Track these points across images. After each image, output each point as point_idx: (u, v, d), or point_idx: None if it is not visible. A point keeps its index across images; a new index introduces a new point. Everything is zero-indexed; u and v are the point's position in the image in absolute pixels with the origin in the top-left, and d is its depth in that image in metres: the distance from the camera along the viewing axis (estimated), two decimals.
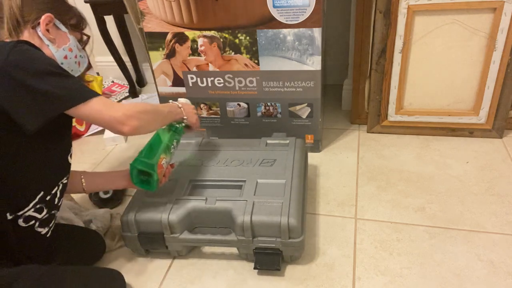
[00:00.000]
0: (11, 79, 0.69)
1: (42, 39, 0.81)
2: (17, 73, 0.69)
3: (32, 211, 0.80)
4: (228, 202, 0.99)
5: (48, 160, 0.81)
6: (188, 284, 0.99)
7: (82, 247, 1.03)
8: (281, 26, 1.20)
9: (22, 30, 0.79)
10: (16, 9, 0.77)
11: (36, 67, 0.71)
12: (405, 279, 0.95)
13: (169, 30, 1.27)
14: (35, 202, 0.80)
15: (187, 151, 1.21)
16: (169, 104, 1.01)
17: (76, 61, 0.89)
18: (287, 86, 1.31)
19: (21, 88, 0.69)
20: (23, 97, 0.70)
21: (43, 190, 0.81)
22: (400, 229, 1.08)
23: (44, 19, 0.80)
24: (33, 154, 0.77)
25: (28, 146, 0.75)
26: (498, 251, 1.00)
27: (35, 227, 0.82)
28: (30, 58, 0.71)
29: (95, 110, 0.76)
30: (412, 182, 1.25)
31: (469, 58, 1.33)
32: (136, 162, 0.95)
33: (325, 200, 1.21)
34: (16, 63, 0.69)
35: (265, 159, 1.14)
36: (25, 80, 0.69)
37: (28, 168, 0.77)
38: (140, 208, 1.01)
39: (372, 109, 1.48)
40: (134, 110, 0.80)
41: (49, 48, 0.82)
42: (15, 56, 0.69)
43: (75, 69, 0.89)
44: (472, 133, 1.44)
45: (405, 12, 1.28)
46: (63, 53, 0.85)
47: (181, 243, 1.01)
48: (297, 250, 0.97)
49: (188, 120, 1.03)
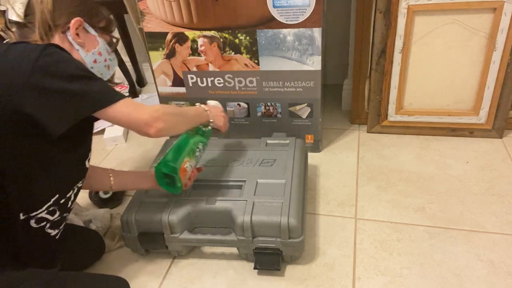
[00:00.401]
0: (39, 83, 0.68)
1: (72, 43, 0.81)
2: (46, 76, 0.69)
3: (45, 213, 0.80)
4: (228, 202, 1.00)
5: (67, 164, 0.80)
6: (188, 284, 0.99)
7: (82, 247, 1.03)
8: (281, 26, 1.20)
9: (53, 35, 0.79)
10: (48, 14, 0.77)
11: (64, 70, 0.71)
12: (405, 279, 0.95)
13: (169, 30, 1.27)
14: (49, 205, 0.79)
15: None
16: (196, 107, 1.01)
17: (105, 65, 0.89)
18: (287, 86, 1.31)
19: (49, 91, 0.69)
20: (51, 100, 0.70)
21: (58, 193, 0.80)
22: (400, 229, 1.08)
23: (73, 23, 0.80)
24: (52, 157, 0.76)
25: (48, 149, 0.75)
26: (498, 251, 1.00)
27: (45, 228, 0.82)
28: (59, 61, 0.71)
29: (124, 112, 0.76)
30: (412, 182, 1.25)
31: (469, 58, 1.33)
32: (160, 165, 0.94)
33: (325, 200, 1.21)
34: (45, 67, 0.69)
35: (265, 159, 1.14)
36: (53, 83, 0.69)
37: (46, 171, 0.76)
38: (140, 208, 1.02)
39: (372, 109, 1.48)
40: (161, 112, 0.80)
41: (79, 52, 0.82)
42: (44, 60, 0.69)
43: (105, 73, 0.90)
44: (472, 133, 1.44)
45: (405, 12, 1.28)
46: (93, 57, 0.85)
47: (181, 243, 1.01)
48: (297, 250, 0.97)
49: (215, 123, 1.03)
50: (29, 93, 0.68)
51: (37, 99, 0.69)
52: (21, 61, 0.69)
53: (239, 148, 1.20)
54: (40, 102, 0.69)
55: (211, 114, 1.03)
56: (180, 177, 0.94)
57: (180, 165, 0.94)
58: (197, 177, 1.08)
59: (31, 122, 0.69)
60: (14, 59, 0.70)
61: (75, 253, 1.00)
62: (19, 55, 0.70)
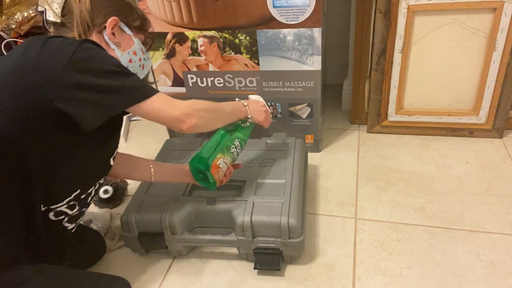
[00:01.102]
0: (74, 77, 0.69)
1: (108, 43, 0.81)
2: (80, 71, 0.69)
3: (65, 207, 0.80)
4: (228, 202, 1.00)
5: (92, 160, 0.81)
6: (188, 284, 0.99)
7: (83, 247, 1.03)
8: (281, 26, 1.20)
9: (90, 35, 0.79)
10: (86, 13, 0.77)
11: (100, 66, 0.71)
12: (405, 279, 0.95)
13: (169, 30, 1.27)
14: (70, 199, 0.80)
15: (187, 151, 1.21)
16: (233, 103, 0.99)
17: (140, 64, 0.88)
18: (287, 86, 1.31)
19: (83, 86, 0.69)
20: (86, 95, 0.70)
21: (80, 189, 0.81)
22: (400, 229, 1.08)
23: (110, 22, 0.79)
24: (80, 152, 0.77)
25: (77, 144, 0.75)
26: (498, 251, 1.00)
27: (63, 222, 0.83)
28: (94, 57, 0.71)
29: (156, 107, 0.76)
30: (412, 182, 1.25)
31: (469, 58, 1.33)
32: (193, 160, 0.95)
33: (325, 200, 1.21)
34: (80, 62, 0.69)
35: (265, 159, 1.14)
36: (87, 78, 0.69)
37: (72, 166, 0.77)
38: (140, 208, 1.02)
39: (372, 109, 1.48)
40: (194, 108, 0.80)
41: (114, 52, 0.82)
42: (80, 55, 0.69)
43: (139, 72, 0.89)
44: (472, 133, 1.44)
45: (405, 12, 1.28)
46: (128, 57, 0.84)
47: (181, 243, 1.01)
48: (297, 250, 0.97)
49: (254, 119, 1.01)
50: (63, 88, 0.68)
51: (71, 94, 0.69)
52: (56, 55, 0.69)
53: None
54: (74, 97, 0.69)
55: (250, 110, 1.00)
56: (212, 173, 0.93)
57: (212, 161, 0.93)
58: None
59: (64, 117, 0.69)
60: (50, 53, 0.70)
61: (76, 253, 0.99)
62: (55, 49, 0.70)
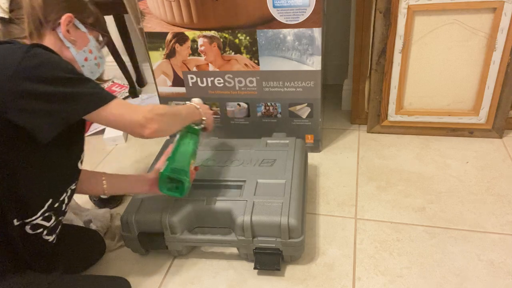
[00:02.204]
0: (23, 87, 0.64)
1: (63, 41, 0.78)
2: (29, 80, 0.65)
3: (41, 219, 0.78)
4: (228, 202, 1.00)
5: (58, 168, 0.78)
6: (188, 284, 0.99)
7: (82, 248, 1.03)
8: (281, 26, 1.20)
9: (43, 32, 0.75)
10: (39, 9, 0.73)
11: (51, 73, 0.67)
12: (405, 279, 0.95)
13: (169, 30, 1.27)
14: (44, 210, 0.77)
15: None
16: (187, 106, 0.99)
17: (96, 63, 0.86)
18: (287, 86, 1.31)
19: (33, 96, 0.65)
20: (38, 105, 0.66)
21: (51, 198, 0.78)
22: (400, 229, 1.08)
23: (64, 19, 0.76)
24: (42, 162, 0.74)
25: (37, 154, 0.72)
26: (498, 251, 1.00)
27: (43, 235, 0.80)
28: (45, 63, 0.67)
29: (115, 114, 0.73)
30: (412, 182, 1.25)
31: (469, 58, 1.33)
32: (169, 171, 0.91)
33: (325, 200, 1.21)
34: (29, 70, 0.65)
35: (265, 159, 1.14)
36: (38, 87, 0.65)
37: (38, 176, 0.74)
38: (140, 208, 1.01)
39: (372, 109, 1.48)
40: (154, 113, 0.78)
41: (70, 50, 0.79)
42: (28, 62, 0.65)
43: (95, 71, 0.87)
44: (472, 133, 1.44)
45: (405, 12, 1.28)
46: (84, 55, 0.82)
47: (181, 243, 1.01)
48: (297, 250, 0.97)
49: (207, 121, 1.01)
50: (13, 99, 0.64)
51: (22, 105, 0.65)
52: (3, 64, 0.65)
53: (239, 148, 1.20)
54: (26, 108, 0.65)
55: (203, 112, 1.00)
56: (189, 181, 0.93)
57: (189, 169, 0.93)
58: (197, 177, 1.08)
59: (17, 129, 0.66)
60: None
61: (76, 254, 1.00)
62: (1, 57, 0.66)
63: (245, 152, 1.18)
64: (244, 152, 1.18)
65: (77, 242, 1.02)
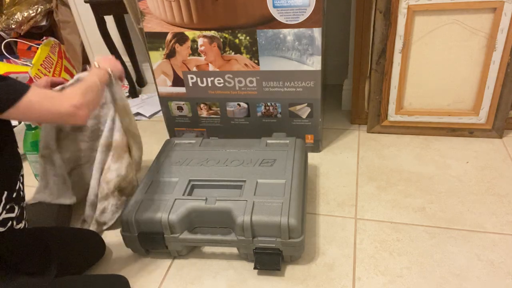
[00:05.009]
0: None
1: None
2: None
3: (5, 214, 0.77)
4: (228, 202, 0.99)
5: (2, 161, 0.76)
6: (188, 284, 0.99)
7: (82, 248, 1.03)
8: (281, 26, 1.20)
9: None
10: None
11: None
12: (405, 279, 0.95)
13: (169, 30, 1.27)
14: (4, 204, 0.77)
15: (187, 151, 1.21)
16: (92, 72, 0.95)
17: None
18: (287, 86, 1.31)
19: None
20: None
21: (6, 190, 0.77)
22: (400, 229, 1.08)
23: None
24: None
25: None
26: (498, 251, 1.00)
27: (13, 226, 0.80)
28: None
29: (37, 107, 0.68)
30: (412, 182, 1.25)
31: (469, 58, 1.33)
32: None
33: (325, 200, 1.21)
34: None
35: (265, 159, 1.14)
36: None
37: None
38: (140, 208, 1.01)
39: (372, 109, 1.48)
40: (78, 97, 0.75)
41: None
42: None
43: None
44: (472, 133, 1.44)
45: (405, 12, 1.28)
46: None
47: (181, 243, 1.01)
48: (297, 250, 0.97)
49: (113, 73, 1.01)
50: None
51: None
52: None
53: (239, 148, 1.20)
54: None
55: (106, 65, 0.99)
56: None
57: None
58: (197, 177, 1.08)
59: None
60: None
61: (75, 255, 0.99)
62: None
63: (245, 152, 1.18)
64: (244, 152, 1.18)
65: (77, 243, 1.02)
